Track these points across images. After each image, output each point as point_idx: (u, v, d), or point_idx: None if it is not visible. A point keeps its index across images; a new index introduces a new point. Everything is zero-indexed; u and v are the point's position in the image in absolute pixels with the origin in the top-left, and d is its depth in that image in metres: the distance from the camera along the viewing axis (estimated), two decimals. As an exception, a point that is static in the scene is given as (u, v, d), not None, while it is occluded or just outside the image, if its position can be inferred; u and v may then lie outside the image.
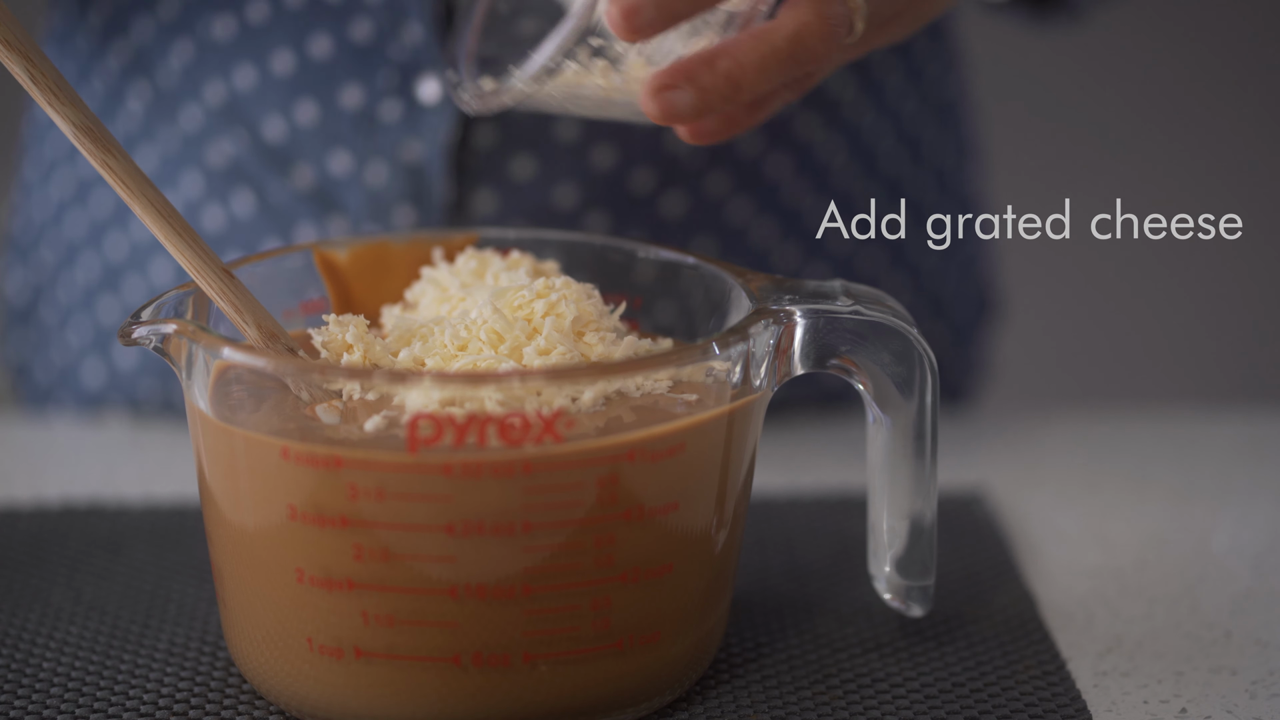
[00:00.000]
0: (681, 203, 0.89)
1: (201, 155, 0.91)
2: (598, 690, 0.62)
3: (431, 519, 0.59)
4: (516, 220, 0.88)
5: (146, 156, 0.92)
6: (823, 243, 0.93)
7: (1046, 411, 1.00)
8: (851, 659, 0.67)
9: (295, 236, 0.90)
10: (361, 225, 0.89)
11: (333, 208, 0.89)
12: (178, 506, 0.79)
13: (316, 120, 0.88)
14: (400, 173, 0.88)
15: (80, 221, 0.96)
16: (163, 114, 0.91)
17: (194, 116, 0.90)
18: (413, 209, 0.88)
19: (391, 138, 0.88)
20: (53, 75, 0.61)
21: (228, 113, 0.89)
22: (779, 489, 0.81)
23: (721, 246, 0.90)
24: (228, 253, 0.91)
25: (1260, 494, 0.84)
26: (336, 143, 0.88)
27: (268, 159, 0.89)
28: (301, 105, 0.88)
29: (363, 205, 0.89)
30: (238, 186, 0.90)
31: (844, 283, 0.65)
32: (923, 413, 0.65)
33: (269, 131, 0.89)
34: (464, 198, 0.88)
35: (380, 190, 0.88)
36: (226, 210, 0.91)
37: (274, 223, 0.90)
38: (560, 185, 0.88)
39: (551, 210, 0.88)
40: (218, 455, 0.62)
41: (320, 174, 0.89)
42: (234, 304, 0.63)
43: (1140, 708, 0.65)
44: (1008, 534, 0.78)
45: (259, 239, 0.90)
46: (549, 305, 0.63)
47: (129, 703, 0.64)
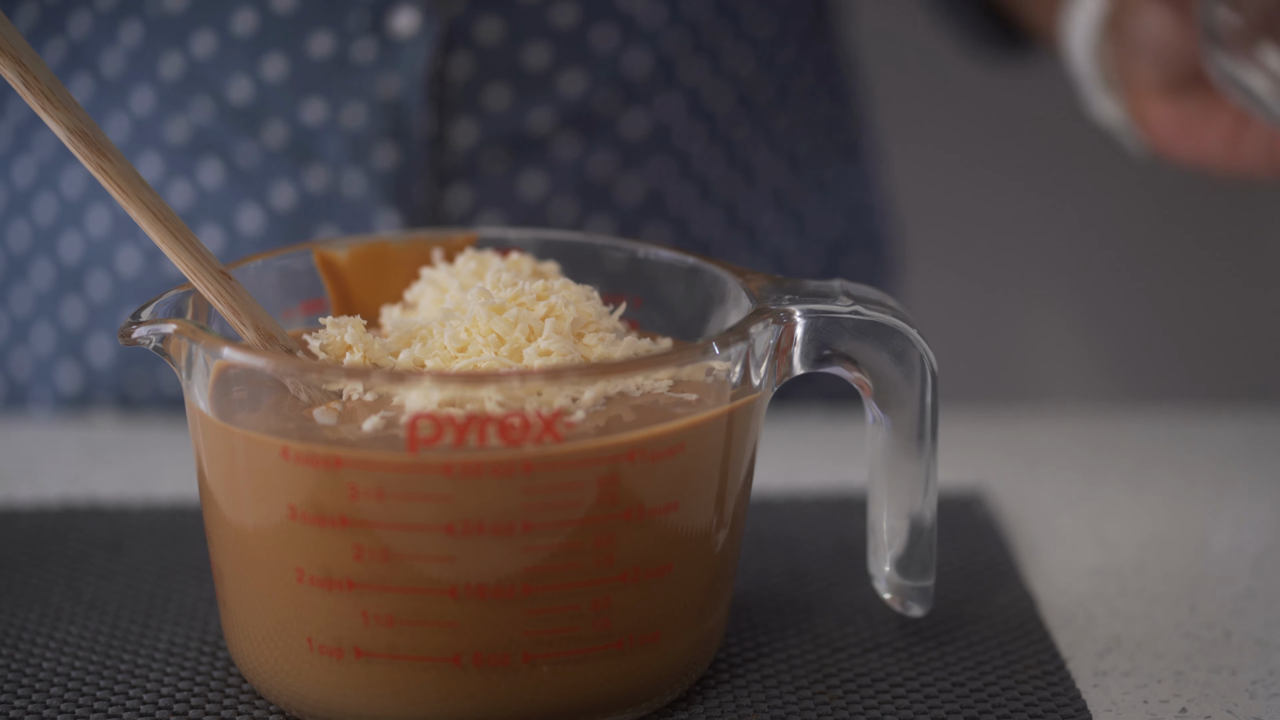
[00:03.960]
0: (642, 124, 0.93)
1: (157, 135, 0.91)
2: (598, 690, 0.62)
3: (431, 519, 0.59)
4: (493, 148, 0.91)
5: None
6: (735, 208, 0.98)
7: (1046, 411, 1.00)
8: (851, 659, 0.67)
9: (270, 197, 0.90)
10: (342, 169, 0.90)
11: (309, 158, 0.90)
12: (178, 506, 0.79)
13: (285, 74, 0.89)
14: (379, 111, 0.89)
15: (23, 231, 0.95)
16: (108, 103, 0.91)
17: (144, 98, 0.90)
18: (393, 146, 0.89)
19: (367, 77, 0.89)
20: (46, 79, 0.60)
21: (186, 84, 0.89)
22: (779, 489, 0.81)
23: (677, 169, 0.95)
24: (201, 227, 0.91)
25: (1260, 494, 0.84)
26: (308, 92, 0.89)
27: (234, 123, 0.90)
28: (268, 61, 0.89)
29: (342, 149, 0.89)
30: (203, 158, 0.90)
31: (844, 283, 0.66)
32: (923, 413, 0.65)
33: (234, 94, 0.89)
34: (444, 130, 0.90)
35: (359, 131, 0.89)
36: (194, 184, 0.91)
37: (247, 187, 0.90)
38: (533, 111, 0.91)
39: (525, 136, 0.91)
40: (217, 455, 0.62)
41: (293, 127, 0.89)
42: (231, 305, 0.63)
43: (1140, 708, 0.65)
44: (1008, 534, 0.78)
45: (232, 207, 0.91)
46: (549, 307, 0.63)
47: (129, 703, 0.64)
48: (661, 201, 0.95)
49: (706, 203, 0.96)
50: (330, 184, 0.90)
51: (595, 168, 0.93)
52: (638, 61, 0.92)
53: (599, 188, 0.93)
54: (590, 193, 0.93)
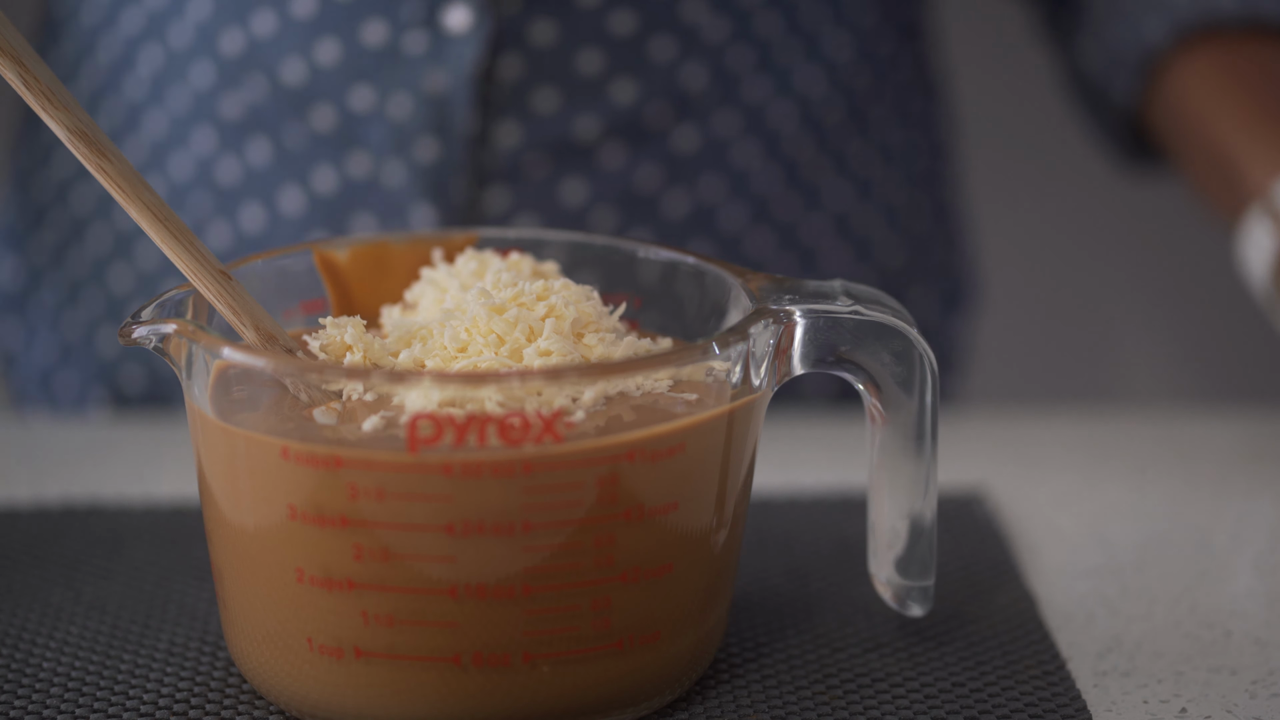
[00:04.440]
0: (693, 139, 0.92)
1: (213, 110, 0.92)
2: (598, 690, 0.62)
3: (431, 519, 0.59)
4: (536, 152, 0.90)
5: (156, 120, 0.93)
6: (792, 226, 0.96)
7: (1046, 411, 1.00)
8: (851, 659, 0.67)
9: (313, 180, 0.91)
10: (383, 159, 0.90)
11: (354, 144, 0.90)
12: (178, 506, 0.79)
13: (338, 59, 0.89)
14: (423, 104, 0.89)
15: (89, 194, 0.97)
16: (173, 75, 0.92)
17: (206, 72, 0.91)
18: (435, 140, 0.90)
19: (415, 69, 0.89)
20: (46, 79, 0.60)
21: (245, 62, 0.90)
22: (779, 489, 0.81)
23: (729, 186, 0.93)
24: (245, 204, 0.93)
25: (1260, 494, 0.84)
26: (358, 79, 0.90)
27: (285, 103, 0.91)
28: (323, 45, 0.89)
29: (385, 139, 0.90)
30: (253, 136, 0.91)
31: (844, 283, 0.66)
32: (923, 413, 0.65)
33: (288, 75, 0.90)
34: (487, 129, 0.90)
35: (403, 123, 0.90)
36: (242, 161, 0.92)
37: (291, 168, 0.91)
38: (581, 117, 0.90)
39: (570, 142, 0.91)
40: (218, 455, 0.62)
41: (341, 112, 0.90)
42: (231, 305, 0.63)
43: (1140, 708, 0.65)
44: (1008, 534, 0.78)
45: (276, 187, 0.92)
46: (549, 307, 0.63)
47: (129, 703, 0.64)
48: (711, 218, 0.94)
49: (760, 222, 0.95)
50: (371, 172, 0.91)
51: (641, 179, 0.92)
52: (695, 75, 0.92)
53: (643, 200, 0.93)
54: (634, 204, 0.93)
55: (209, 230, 0.94)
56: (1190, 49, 0.95)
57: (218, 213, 0.93)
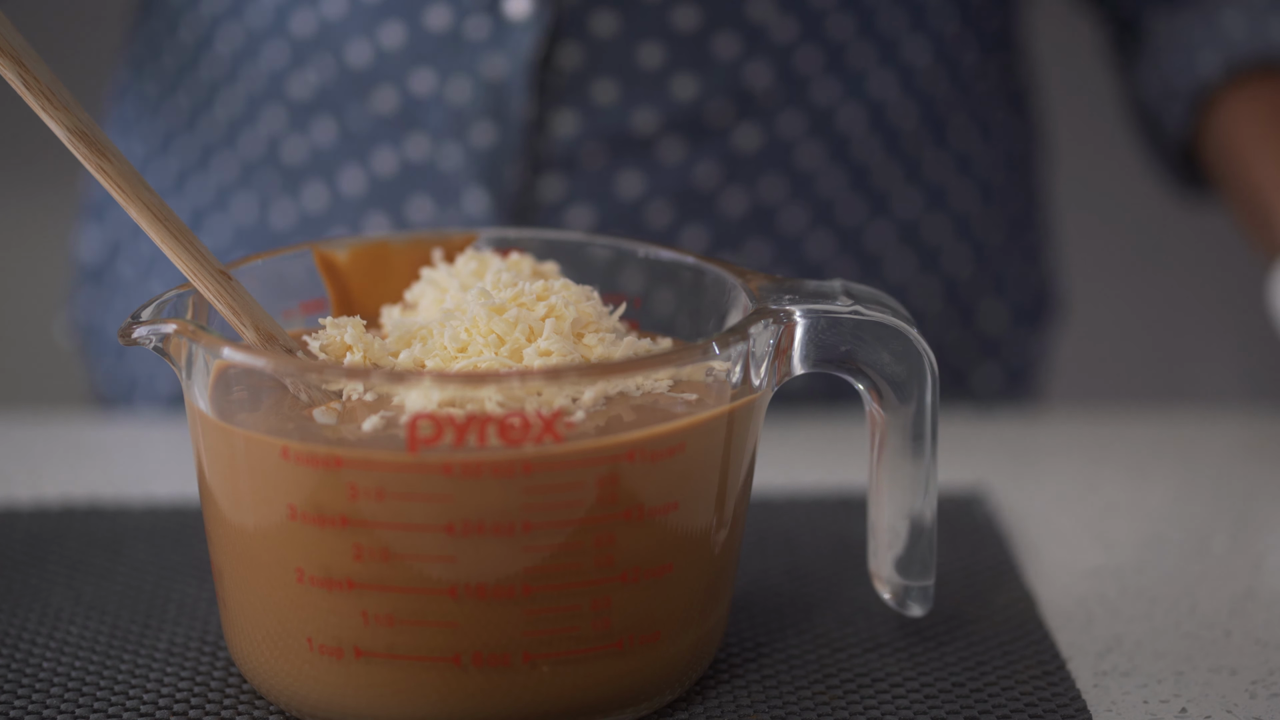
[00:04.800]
0: (755, 138, 0.92)
1: (283, 90, 0.93)
2: (598, 690, 0.62)
3: (431, 519, 0.59)
4: (593, 142, 0.91)
5: (234, 98, 0.95)
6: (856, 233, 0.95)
7: (1046, 411, 1.00)
8: (851, 659, 0.67)
9: (373, 162, 0.92)
10: (441, 142, 0.91)
11: (413, 126, 0.91)
12: (178, 506, 0.79)
13: (402, 42, 0.90)
14: (482, 89, 0.90)
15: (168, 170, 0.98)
16: (250, 53, 0.93)
17: (279, 52, 0.93)
18: (492, 125, 0.90)
19: (476, 54, 0.90)
20: (46, 79, 0.60)
21: (315, 43, 0.91)
22: (779, 489, 0.81)
23: (790, 187, 0.93)
24: (307, 183, 0.94)
25: (1260, 494, 0.84)
26: (420, 62, 0.91)
27: (350, 85, 0.92)
28: (388, 28, 0.90)
29: (443, 122, 0.91)
30: (319, 116, 0.93)
31: (844, 282, 0.66)
32: (922, 413, 0.65)
33: (354, 57, 0.91)
34: (544, 116, 0.90)
35: (462, 107, 0.90)
36: (308, 141, 0.92)
37: (353, 150, 0.92)
38: (639, 110, 0.91)
39: (628, 135, 0.91)
40: (218, 455, 0.62)
41: (402, 94, 0.91)
42: (231, 306, 0.63)
43: (1140, 708, 0.65)
44: (1008, 534, 0.78)
45: (338, 167, 0.93)
46: (549, 307, 0.63)
47: (129, 703, 0.64)
48: (769, 218, 0.94)
49: (821, 225, 0.95)
50: (429, 155, 0.91)
51: (699, 176, 0.92)
52: (759, 74, 0.92)
53: (700, 196, 0.93)
54: (690, 200, 0.92)
55: (274, 208, 0.95)
56: (1243, 85, 0.96)
57: (284, 191, 0.95)
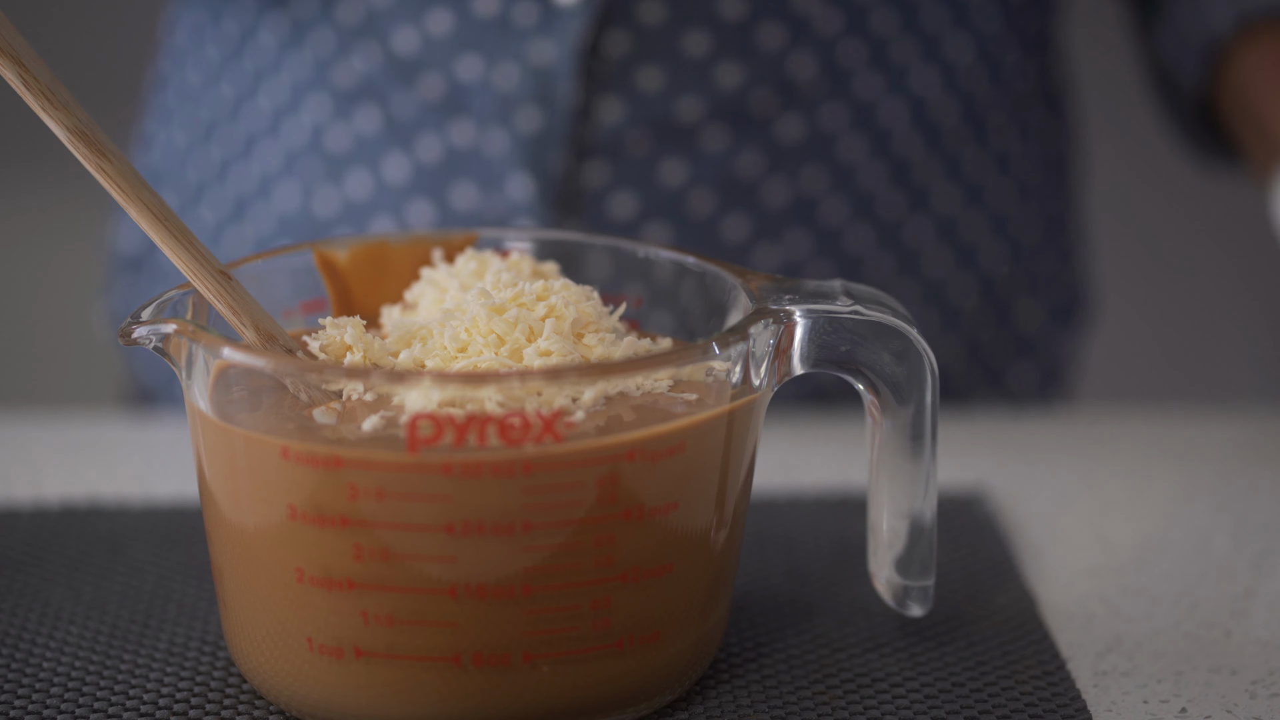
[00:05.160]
0: (798, 129, 0.92)
1: (330, 77, 0.93)
2: (598, 690, 0.62)
3: (431, 519, 0.59)
4: (638, 129, 0.91)
5: (279, 86, 0.94)
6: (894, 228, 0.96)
7: (1046, 411, 1.00)
8: (851, 659, 0.67)
9: (418, 149, 0.92)
10: (486, 127, 0.91)
11: (459, 112, 0.91)
12: (178, 506, 0.79)
13: (450, 29, 0.90)
14: (529, 75, 0.90)
15: (208, 161, 0.98)
16: (295, 42, 0.93)
17: (326, 39, 0.93)
18: (538, 111, 0.90)
19: (523, 40, 0.90)
20: (46, 78, 0.60)
21: (361, 30, 0.91)
22: (779, 489, 0.81)
23: (832, 179, 0.93)
24: (351, 171, 0.94)
25: (1260, 494, 0.84)
26: (467, 48, 0.91)
27: (396, 72, 0.92)
28: (435, 15, 0.90)
29: (489, 107, 0.91)
30: (363, 104, 0.93)
31: (844, 282, 0.65)
32: (922, 412, 0.65)
33: (400, 44, 0.91)
34: (589, 103, 0.90)
35: (509, 93, 0.90)
36: (352, 129, 0.92)
37: (398, 137, 0.92)
38: (684, 98, 0.91)
39: (672, 123, 0.91)
40: (218, 455, 0.62)
41: (448, 81, 0.91)
42: (231, 305, 0.63)
43: (1140, 708, 0.65)
44: (1008, 534, 0.78)
45: (382, 155, 0.92)
46: (549, 307, 0.63)
47: (129, 703, 0.64)
48: (810, 209, 0.94)
49: (860, 218, 0.95)
50: (474, 141, 0.92)
51: (742, 165, 0.93)
52: (803, 65, 0.92)
53: (743, 185, 0.93)
54: (733, 189, 0.93)
55: (317, 196, 0.95)
56: (1256, 36, 0.96)
57: (326, 179, 0.94)
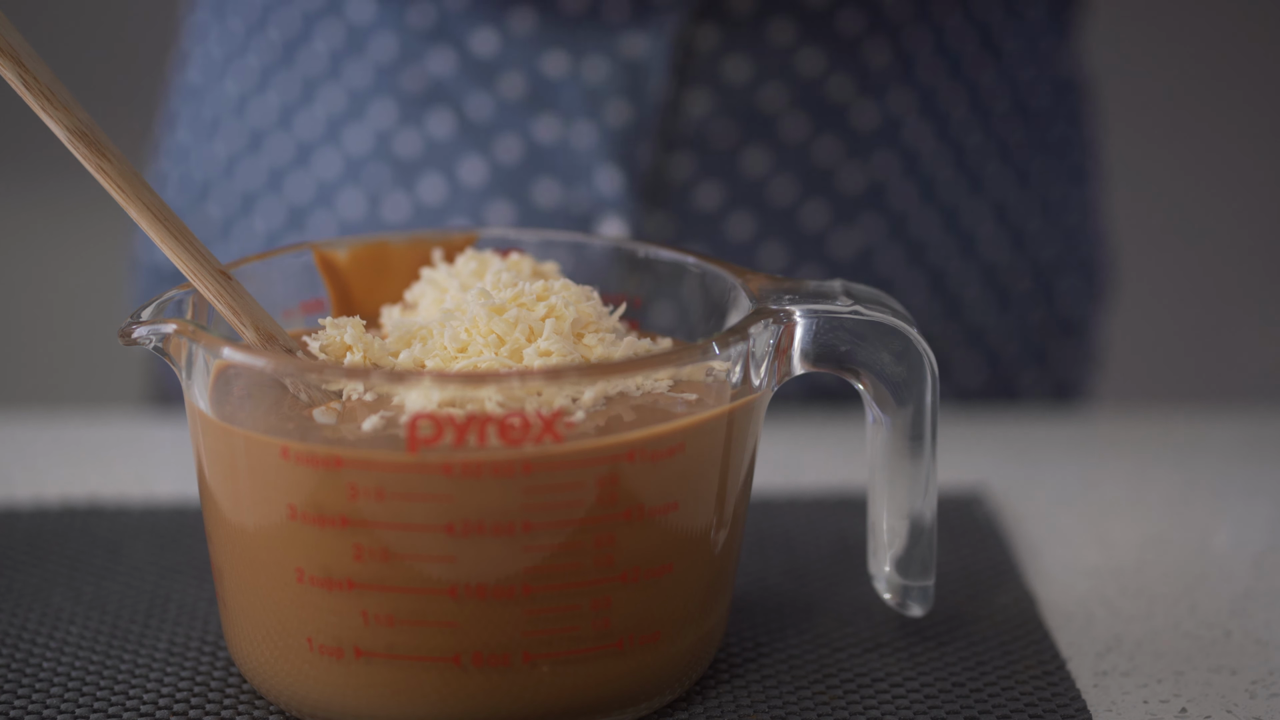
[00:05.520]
0: (873, 115, 0.93)
1: (395, 83, 0.92)
2: (598, 690, 0.62)
3: (431, 519, 0.59)
4: (723, 119, 0.91)
5: (333, 95, 0.94)
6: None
7: (1047, 411, 1.00)
8: (851, 659, 0.67)
9: (495, 150, 0.91)
10: (573, 121, 0.91)
11: (543, 108, 0.91)
12: (178, 506, 0.79)
13: (534, 27, 0.90)
14: (620, 68, 0.90)
15: (257, 169, 0.97)
16: (352, 49, 0.92)
17: (388, 46, 0.92)
18: (627, 104, 0.90)
19: (615, 35, 0.90)
20: (46, 79, 0.60)
21: (431, 35, 0.91)
22: (779, 489, 0.81)
23: (902, 164, 0.94)
24: (424, 176, 0.93)
25: (1260, 494, 0.84)
26: (553, 45, 0.90)
27: (472, 75, 0.91)
28: (518, 14, 0.90)
29: (576, 100, 0.90)
30: (435, 108, 0.92)
31: (844, 283, 0.66)
32: (922, 412, 0.65)
33: (478, 46, 0.90)
34: (679, 95, 0.90)
35: (597, 86, 0.90)
36: (422, 133, 0.92)
37: (474, 139, 0.92)
38: (768, 86, 0.91)
39: (757, 112, 0.91)
40: (218, 455, 0.62)
41: (532, 79, 0.91)
42: (231, 306, 0.63)
43: (1140, 708, 0.65)
44: (1008, 534, 0.78)
45: (457, 157, 0.92)
46: (549, 307, 0.63)
47: (129, 703, 0.64)
48: (882, 194, 0.94)
49: (927, 203, 0.96)
50: (560, 135, 0.91)
51: (820, 152, 0.93)
52: (878, 51, 0.92)
53: (821, 172, 0.93)
54: (812, 176, 0.93)
55: (385, 202, 0.94)
56: None
57: (395, 185, 0.94)
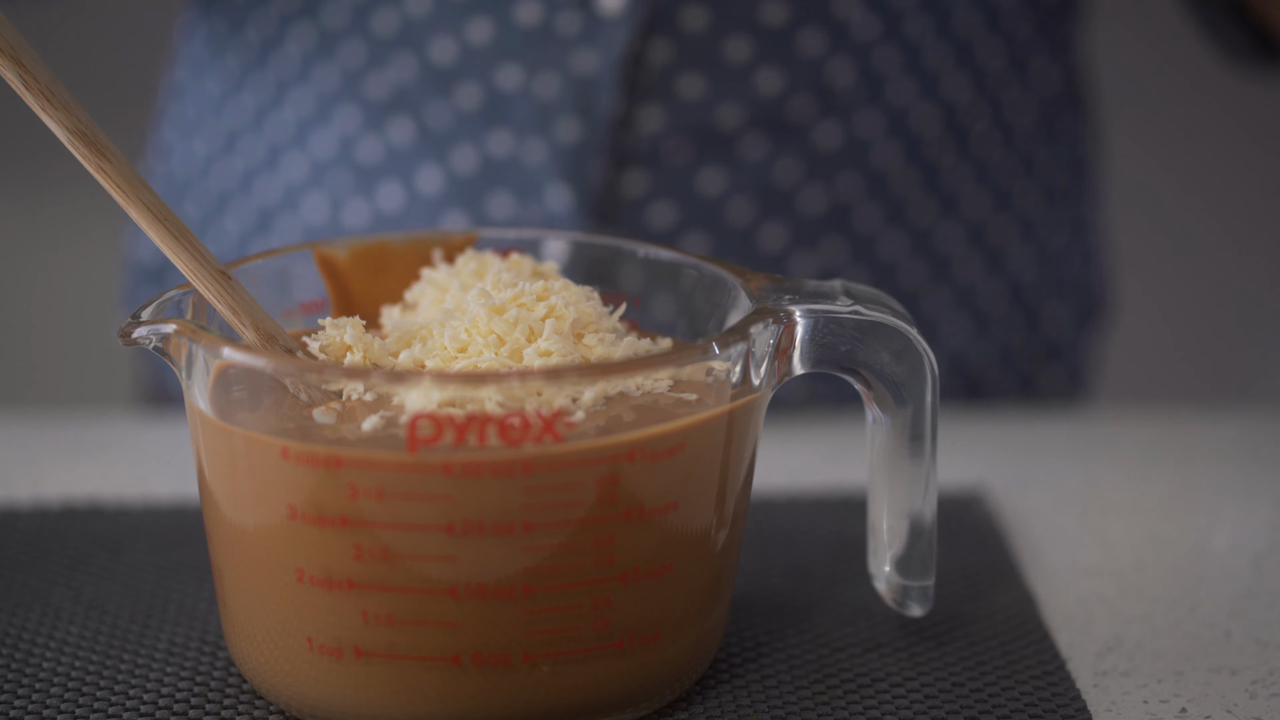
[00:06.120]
0: (835, 135, 0.92)
1: (360, 89, 0.92)
2: (598, 690, 0.62)
3: (431, 519, 0.59)
4: (678, 137, 0.90)
5: (302, 99, 0.93)
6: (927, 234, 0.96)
7: (1046, 411, 1.00)
8: (851, 659, 0.67)
9: (453, 160, 0.91)
10: (525, 137, 0.90)
11: (497, 122, 0.90)
12: (178, 506, 0.79)
13: (490, 38, 0.89)
14: (570, 84, 0.89)
15: (231, 170, 0.97)
16: (323, 53, 0.92)
17: (356, 52, 0.92)
18: (578, 121, 0.90)
19: (566, 50, 0.89)
20: (46, 78, 0.60)
21: (396, 41, 0.91)
22: (779, 489, 0.81)
23: (867, 185, 0.93)
24: (383, 183, 0.93)
25: (1260, 494, 0.84)
26: (507, 58, 0.90)
27: (432, 83, 0.91)
28: (475, 24, 0.89)
29: (528, 117, 0.90)
30: (396, 115, 0.92)
31: (844, 283, 0.66)
32: (922, 412, 0.65)
33: (438, 54, 0.90)
34: (630, 112, 0.90)
35: (549, 102, 0.90)
36: (384, 140, 0.92)
37: (432, 148, 0.91)
38: (724, 105, 0.90)
39: (712, 130, 0.91)
40: (218, 455, 0.62)
41: (488, 91, 0.90)
42: (231, 305, 0.63)
43: (1140, 708, 0.65)
44: (1008, 534, 0.78)
45: (416, 166, 0.92)
46: (549, 307, 0.63)
47: (129, 703, 0.64)
48: (846, 216, 0.93)
49: (894, 224, 0.95)
50: (512, 151, 0.91)
51: (780, 173, 0.92)
52: (842, 71, 0.91)
53: (780, 194, 0.92)
54: (771, 198, 0.92)
55: (346, 208, 0.94)
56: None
57: (356, 191, 0.94)
